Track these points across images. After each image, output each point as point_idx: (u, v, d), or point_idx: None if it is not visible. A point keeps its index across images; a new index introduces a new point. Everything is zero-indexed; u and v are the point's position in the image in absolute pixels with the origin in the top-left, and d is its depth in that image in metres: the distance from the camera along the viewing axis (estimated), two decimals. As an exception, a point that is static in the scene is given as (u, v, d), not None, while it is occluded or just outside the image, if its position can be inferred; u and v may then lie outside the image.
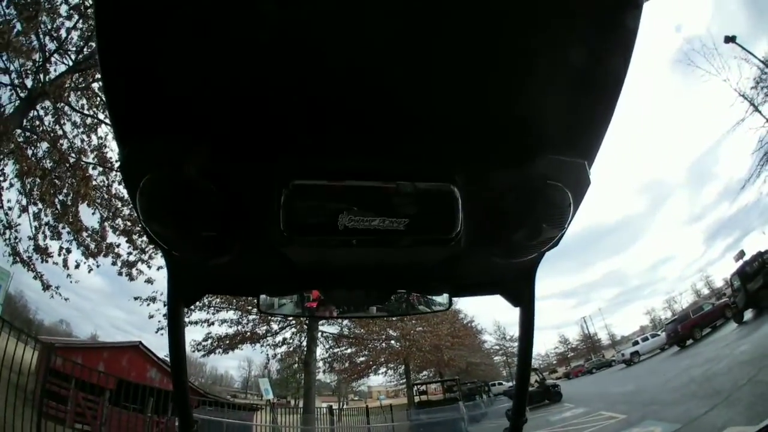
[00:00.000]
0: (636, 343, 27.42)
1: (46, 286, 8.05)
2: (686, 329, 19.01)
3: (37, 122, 7.94)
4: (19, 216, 8.16)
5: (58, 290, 8.13)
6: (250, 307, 10.64)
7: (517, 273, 1.14)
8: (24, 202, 8.09)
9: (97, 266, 8.37)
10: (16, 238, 8.15)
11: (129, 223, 8.33)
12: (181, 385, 1.28)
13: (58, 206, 7.99)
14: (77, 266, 8.25)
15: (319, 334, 12.43)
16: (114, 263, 8.38)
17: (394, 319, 12.42)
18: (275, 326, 11.17)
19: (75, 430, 7.31)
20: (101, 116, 7.88)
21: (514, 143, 0.78)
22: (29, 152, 7.70)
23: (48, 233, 8.15)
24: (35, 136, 7.93)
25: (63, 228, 8.01)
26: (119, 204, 8.33)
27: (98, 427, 6.72)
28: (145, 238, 8.07)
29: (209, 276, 1.11)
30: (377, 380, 22.97)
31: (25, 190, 7.92)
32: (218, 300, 10.19)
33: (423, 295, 1.35)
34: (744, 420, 5.47)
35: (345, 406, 17.85)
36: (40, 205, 8.05)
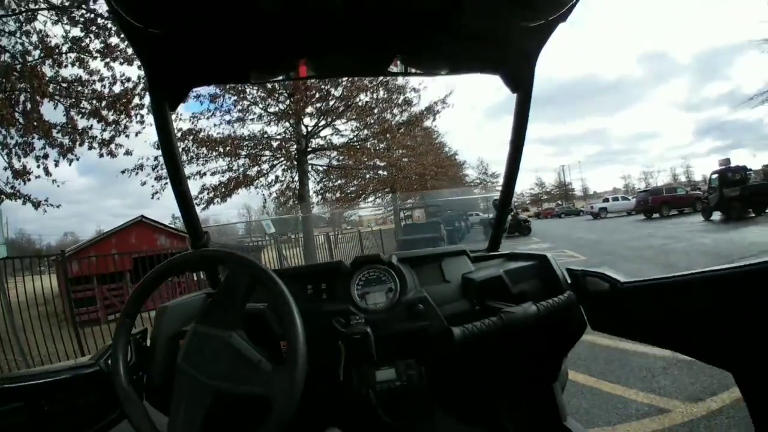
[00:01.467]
0: (606, 200, 29.52)
1: (36, 204, 7.82)
2: (656, 203, 20.30)
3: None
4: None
5: (48, 201, 7.90)
6: (239, 151, 10.79)
7: (520, 53, 1.10)
8: None
9: (77, 159, 8.09)
10: None
11: (95, 101, 7.80)
12: (183, 195, 1.24)
13: (21, 119, 7.36)
14: (56, 164, 7.98)
15: (310, 167, 12.95)
16: (91, 147, 8.10)
17: (381, 147, 12.91)
18: (265, 166, 11.57)
19: (109, 322, 7.59)
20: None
21: None
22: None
23: (20, 153, 7.68)
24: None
25: (32, 138, 7.56)
26: (78, 86, 7.66)
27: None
28: (112, 113, 7.91)
29: (192, 68, 1.05)
30: (367, 209, 25.05)
31: None
32: (204, 150, 10.21)
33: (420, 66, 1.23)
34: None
35: (340, 235, 19.95)
36: (3, 132, 7.42)
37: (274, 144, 11.65)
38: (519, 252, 1.47)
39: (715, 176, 15.13)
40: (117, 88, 7.85)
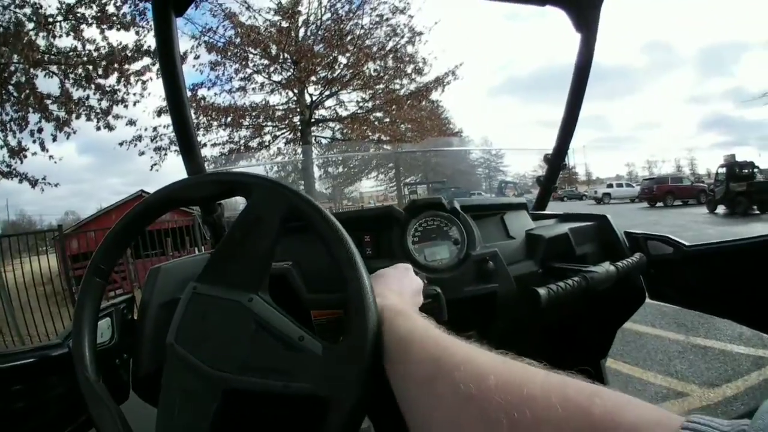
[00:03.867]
0: (610, 186, 29.40)
1: (33, 183, 7.72)
2: (661, 192, 20.19)
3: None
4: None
5: (45, 179, 7.82)
6: (240, 121, 10.50)
7: None
8: None
9: (74, 132, 7.98)
10: None
11: (90, 67, 7.58)
12: (184, 121, 1.07)
13: (14, 92, 7.13)
14: (54, 138, 7.83)
15: (313, 139, 12.69)
16: (88, 119, 7.95)
17: (385, 121, 12.58)
18: (268, 137, 11.30)
19: (109, 298, 7.66)
20: None
21: None
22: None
23: (15, 129, 7.51)
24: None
25: (27, 112, 7.35)
26: (74, 57, 7.45)
27: (130, 285, 6.88)
28: (111, 80, 7.67)
29: None
30: (368, 185, 24.82)
31: None
32: (205, 119, 9.93)
33: None
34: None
35: (341, 210, 20.04)
36: None
37: (277, 114, 11.34)
38: (573, 212, 1.33)
39: (722, 170, 14.95)
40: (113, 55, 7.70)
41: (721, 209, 14.74)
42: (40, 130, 7.77)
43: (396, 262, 0.85)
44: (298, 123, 11.54)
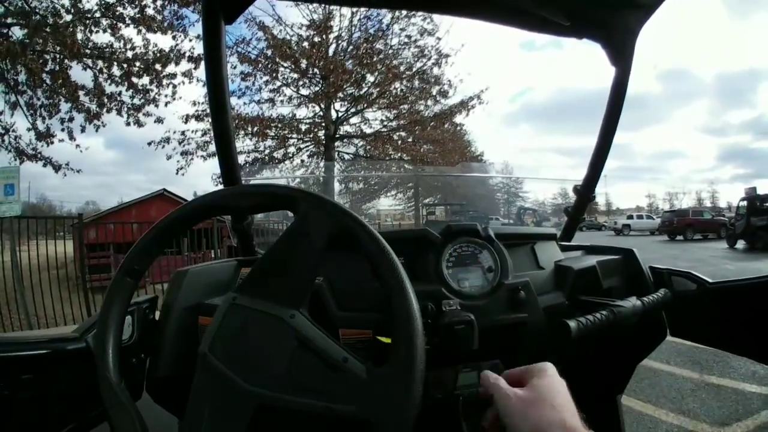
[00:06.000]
0: (630, 217, 28.92)
1: (56, 168, 7.81)
2: (681, 225, 19.89)
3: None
4: (12, 115, 7.58)
5: (69, 165, 7.95)
6: (266, 131, 10.68)
7: (625, 22, 1.09)
8: (12, 99, 7.38)
9: (103, 125, 8.08)
10: (16, 138, 7.66)
11: (126, 66, 7.75)
12: (225, 130, 1.09)
13: (48, 80, 7.31)
14: (83, 129, 7.98)
15: (336, 154, 12.82)
16: (119, 113, 8.06)
17: (408, 141, 12.74)
18: (292, 149, 11.47)
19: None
20: None
21: None
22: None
23: (45, 114, 7.64)
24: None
25: (58, 100, 7.52)
26: (109, 53, 7.60)
27: (143, 280, 6.95)
28: (145, 80, 7.80)
29: None
30: (386, 203, 24.92)
31: (8, 84, 7.17)
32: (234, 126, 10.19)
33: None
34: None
35: None
36: (29, 92, 7.41)
37: (303, 128, 11.52)
38: (600, 245, 1.34)
39: (743, 203, 14.64)
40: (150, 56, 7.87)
41: (741, 244, 14.41)
42: (70, 119, 7.90)
43: (431, 287, 0.90)
44: (323, 137, 11.70)
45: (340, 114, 11.61)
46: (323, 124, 11.61)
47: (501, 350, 0.94)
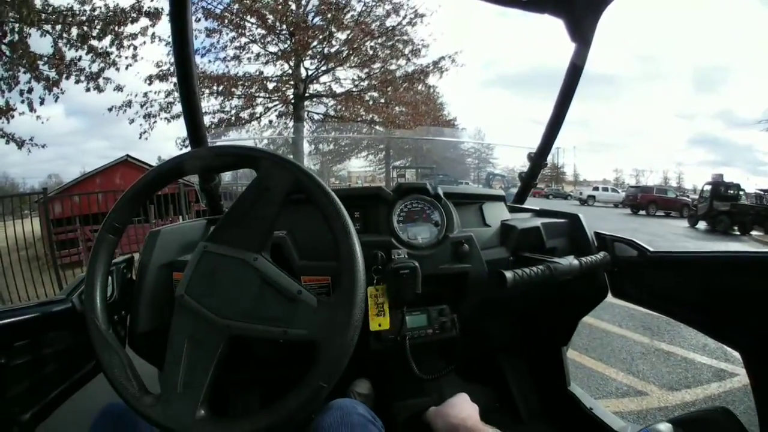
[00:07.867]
0: (596, 189, 29.80)
1: (20, 144, 7.51)
2: (644, 200, 20.52)
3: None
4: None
5: (33, 140, 7.63)
6: (233, 90, 10.14)
7: (583, 3, 1.15)
8: None
9: (62, 93, 7.69)
10: None
11: (86, 27, 7.39)
12: (191, 93, 1.11)
13: (6, 52, 6.89)
14: (42, 101, 7.56)
15: (306, 114, 12.38)
16: (78, 81, 7.74)
17: (380, 102, 12.41)
18: (260, 109, 10.96)
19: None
20: None
21: None
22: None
23: (5, 88, 7.23)
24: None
25: (17, 71, 7.11)
26: (69, 16, 7.21)
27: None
28: (105, 42, 7.53)
29: None
30: (357, 164, 24.56)
31: None
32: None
33: None
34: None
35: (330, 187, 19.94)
36: None
37: (270, 86, 11.02)
38: (549, 209, 1.44)
39: (708, 187, 15.08)
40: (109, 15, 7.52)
41: (702, 225, 14.93)
42: (30, 90, 7.54)
43: (381, 238, 1.02)
44: (292, 96, 11.25)
45: (309, 72, 11.12)
46: (292, 83, 11.13)
47: (448, 297, 1.07)
